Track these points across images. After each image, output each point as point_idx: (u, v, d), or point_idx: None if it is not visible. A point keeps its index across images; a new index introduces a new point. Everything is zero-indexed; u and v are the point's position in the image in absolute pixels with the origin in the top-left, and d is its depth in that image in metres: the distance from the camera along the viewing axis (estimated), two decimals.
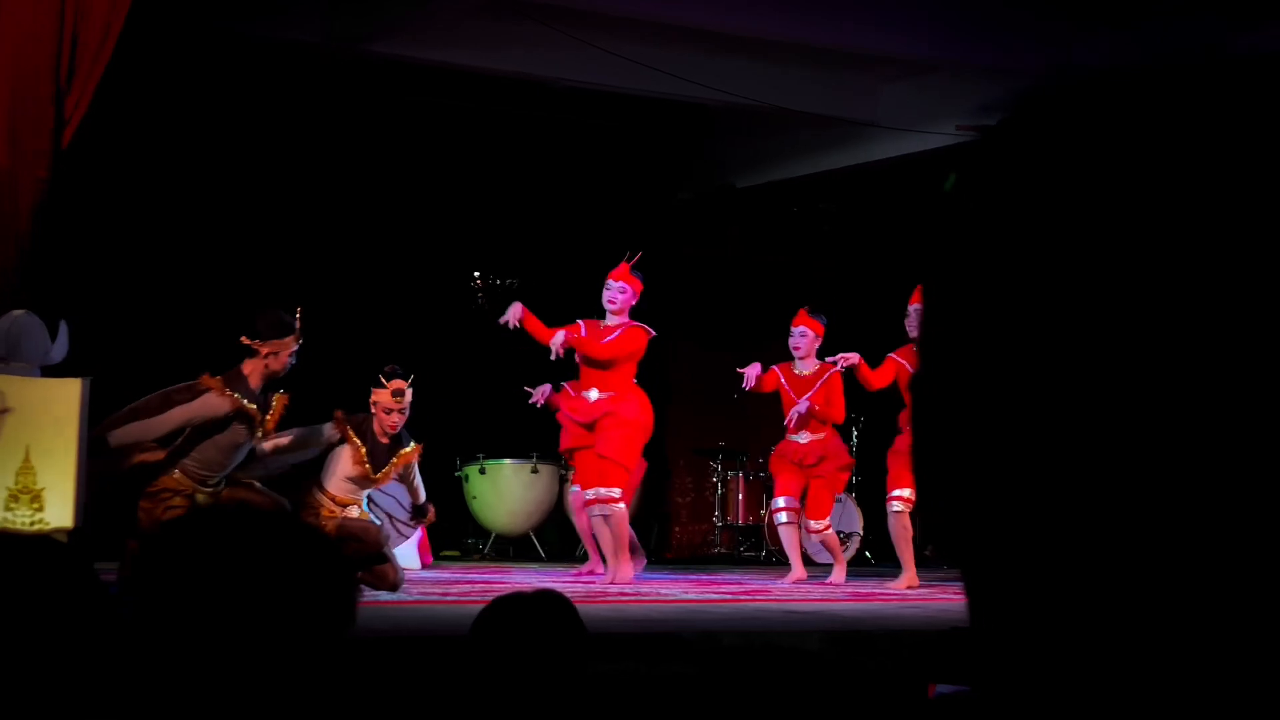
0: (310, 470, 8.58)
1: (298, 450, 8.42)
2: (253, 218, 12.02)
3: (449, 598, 8.07)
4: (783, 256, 14.47)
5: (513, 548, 12.97)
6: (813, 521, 10.18)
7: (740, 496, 13.31)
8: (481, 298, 13.56)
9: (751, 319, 13.45)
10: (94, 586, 2.13)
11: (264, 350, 7.85)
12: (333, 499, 8.42)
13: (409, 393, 8.45)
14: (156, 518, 7.67)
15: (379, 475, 8.46)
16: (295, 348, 7.95)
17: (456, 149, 13.02)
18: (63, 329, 7.63)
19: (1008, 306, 0.66)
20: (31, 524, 7.02)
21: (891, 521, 9.82)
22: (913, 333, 9.66)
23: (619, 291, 9.63)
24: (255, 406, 7.82)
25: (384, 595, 7.90)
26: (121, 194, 11.13)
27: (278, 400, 8.00)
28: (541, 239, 13.45)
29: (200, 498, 7.84)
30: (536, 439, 11.89)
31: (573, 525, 12.85)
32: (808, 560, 10.63)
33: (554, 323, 9.57)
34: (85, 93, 7.93)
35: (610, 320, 9.66)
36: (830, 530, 10.30)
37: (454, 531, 12.84)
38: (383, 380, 8.45)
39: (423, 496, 8.91)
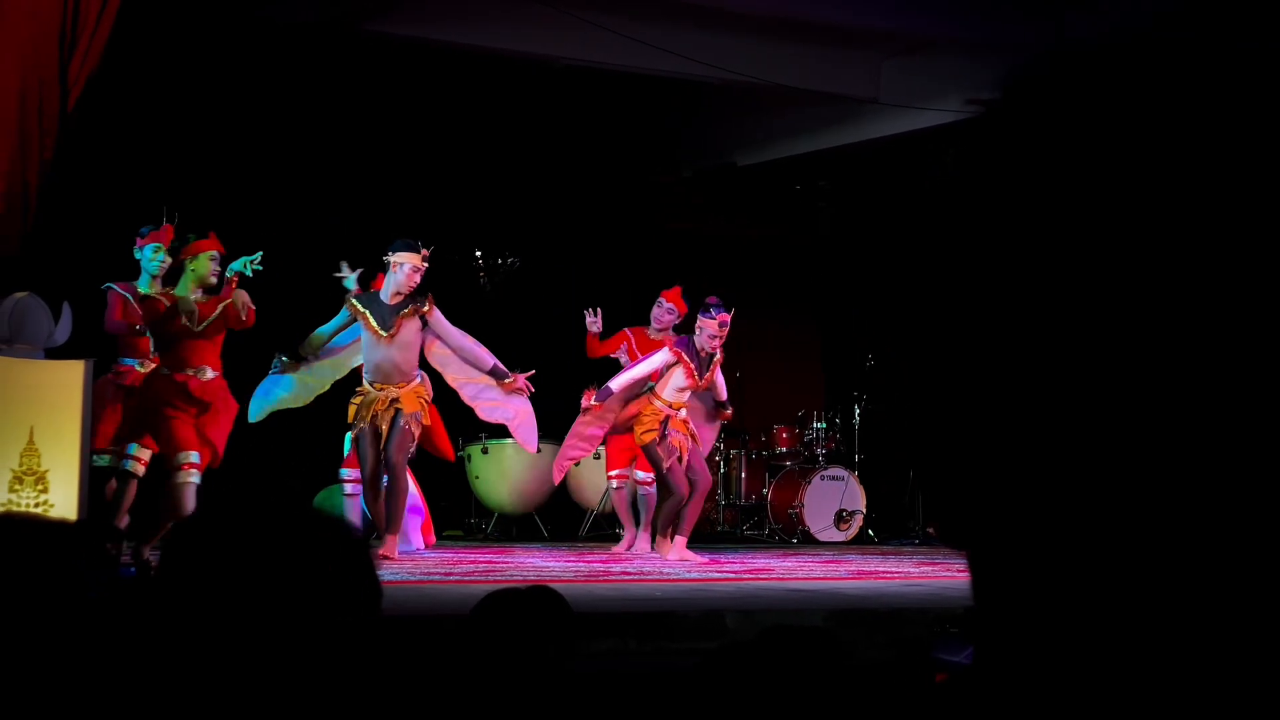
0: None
1: None
2: (252, 196, 12.00)
3: (452, 578, 8.08)
4: (784, 233, 14.46)
5: (516, 527, 12.96)
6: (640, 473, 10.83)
7: (743, 475, 13.31)
8: (483, 277, 13.57)
9: (754, 297, 13.43)
10: (95, 571, 2.13)
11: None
12: None
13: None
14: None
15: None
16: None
17: (456, 128, 12.99)
18: (66, 311, 7.63)
19: (1008, 289, 0.66)
20: (36, 505, 7.04)
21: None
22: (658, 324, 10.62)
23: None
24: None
25: (383, 575, 7.91)
26: (121, 177, 11.11)
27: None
28: (543, 218, 13.43)
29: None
30: (540, 419, 11.86)
31: (575, 505, 12.90)
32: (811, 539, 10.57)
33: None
34: (84, 70, 7.89)
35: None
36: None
37: (457, 512, 12.83)
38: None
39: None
